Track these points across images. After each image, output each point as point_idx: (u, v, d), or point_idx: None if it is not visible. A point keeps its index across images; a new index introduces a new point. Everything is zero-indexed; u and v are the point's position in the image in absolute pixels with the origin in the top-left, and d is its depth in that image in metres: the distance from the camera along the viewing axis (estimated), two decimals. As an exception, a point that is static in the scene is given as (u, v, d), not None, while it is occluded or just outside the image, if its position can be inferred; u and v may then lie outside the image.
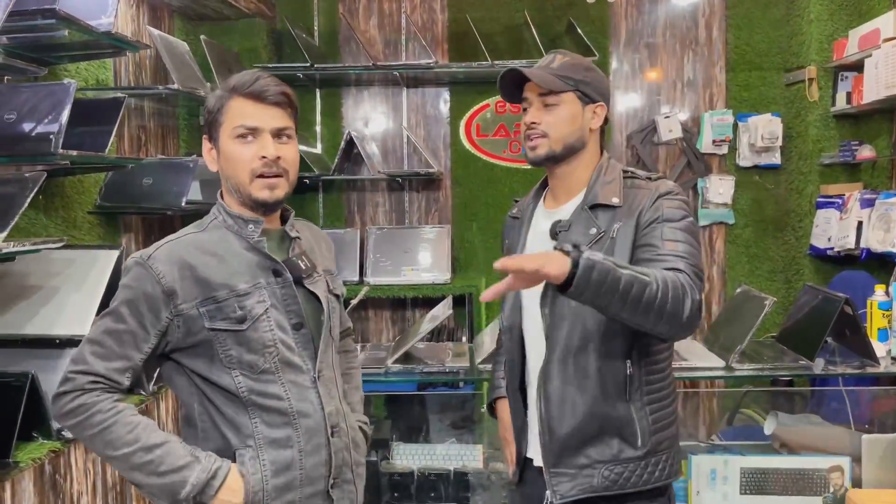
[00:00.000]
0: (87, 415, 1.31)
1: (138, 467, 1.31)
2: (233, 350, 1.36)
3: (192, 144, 3.47)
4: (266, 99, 1.38)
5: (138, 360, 1.36)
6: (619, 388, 1.53)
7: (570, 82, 1.57)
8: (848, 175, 3.61)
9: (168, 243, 1.39)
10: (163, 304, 1.34)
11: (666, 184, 1.61)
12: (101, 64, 2.64)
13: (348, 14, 3.93)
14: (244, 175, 1.38)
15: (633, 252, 1.53)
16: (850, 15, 3.56)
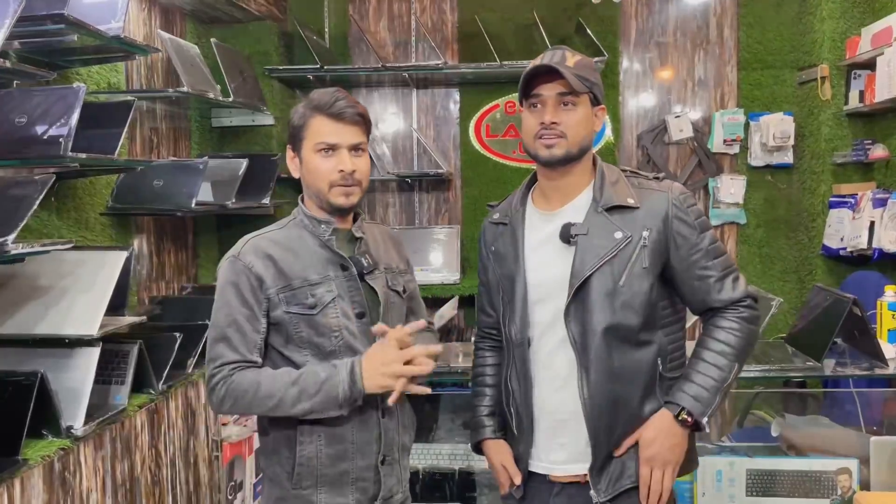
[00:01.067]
0: (239, 390, 1.53)
1: (297, 399, 1.51)
2: (304, 332, 1.57)
3: (204, 146, 3.51)
4: (344, 119, 1.57)
5: (259, 340, 1.58)
6: (654, 385, 1.59)
7: (587, 83, 1.56)
8: (861, 174, 3.58)
9: (252, 239, 1.62)
10: (258, 288, 1.56)
11: (675, 185, 1.62)
12: (113, 67, 2.68)
13: (358, 16, 3.96)
14: (324, 185, 1.58)
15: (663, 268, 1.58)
16: (863, 12, 3.52)
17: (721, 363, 1.55)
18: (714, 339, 1.58)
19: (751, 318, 1.59)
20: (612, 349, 1.55)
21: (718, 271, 1.59)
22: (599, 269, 1.55)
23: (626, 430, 1.58)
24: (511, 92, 3.93)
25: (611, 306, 1.54)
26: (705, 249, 1.58)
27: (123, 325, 2.13)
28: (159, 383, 2.29)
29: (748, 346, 1.59)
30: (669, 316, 1.63)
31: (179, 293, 3.20)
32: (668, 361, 1.61)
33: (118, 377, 2.16)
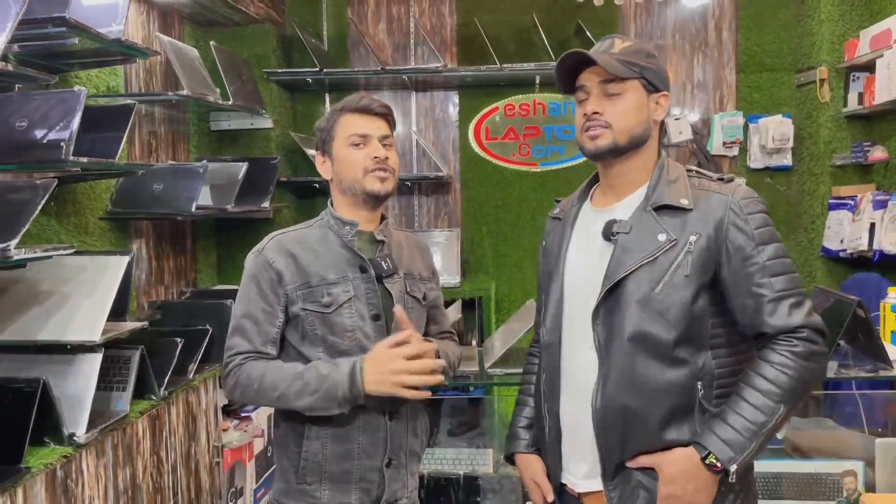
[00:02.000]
0: (247, 378, 1.58)
1: (299, 394, 1.54)
2: (318, 329, 1.60)
3: (203, 150, 3.49)
4: (372, 111, 1.64)
5: (275, 334, 1.62)
6: (688, 410, 1.40)
7: (634, 69, 1.44)
8: (860, 176, 3.59)
9: (278, 236, 1.66)
10: (277, 283, 1.60)
11: (741, 188, 1.45)
12: (112, 71, 2.66)
13: (357, 19, 3.95)
14: (358, 172, 1.62)
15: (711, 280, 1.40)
16: (861, 15, 3.53)
17: (762, 404, 1.35)
18: (758, 375, 1.37)
19: (807, 353, 1.36)
20: (636, 360, 1.40)
21: (774, 291, 1.37)
22: (635, 271, 1.40)
23: (641, 451, 1.42)
24: (511, 94, 3.93)
25: (642, 313, 1.39)
26: (762, 264, 1.38)
27: (125, 330, 2.11)
28: (161, 389, 2.27)
29: (800, 387, 1.37)
30: (723, 336, 1.43)
31: (179, 298, 3.18)
32: (714, 388, 1.41)
33: (120, 383, 2.14)
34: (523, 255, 3.96)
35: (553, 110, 3.93)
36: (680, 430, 1.40)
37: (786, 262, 1.41)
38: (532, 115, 3.94)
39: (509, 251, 3.97)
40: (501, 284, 3.95)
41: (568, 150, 3.93)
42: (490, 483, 2.54)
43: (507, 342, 2.56)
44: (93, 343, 1.91)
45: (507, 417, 3.77)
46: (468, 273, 3.92)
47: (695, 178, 1.48)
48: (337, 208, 1.69)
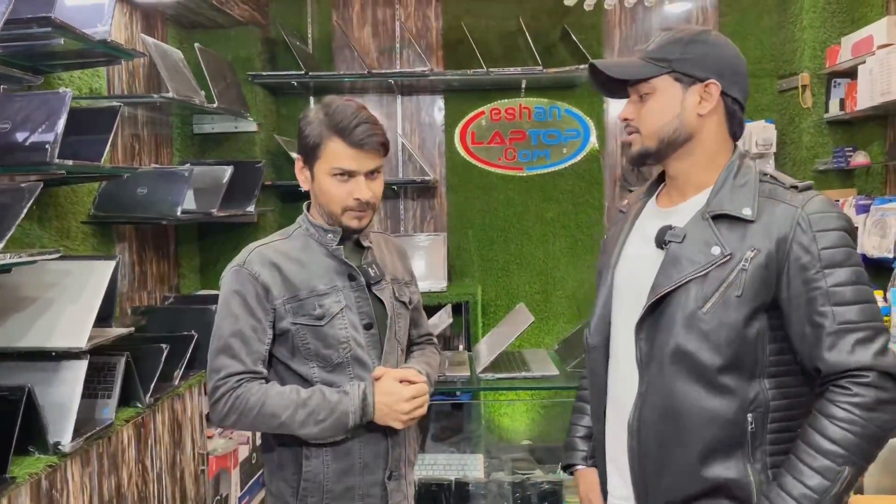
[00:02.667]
0: (244, 404, 1.48)
1: (304, 422, 1.48)
2: (311, 344, 1.53)
3: (186, 153, 3.45)
4: (364, 147, 1.51)
5: (264, 351, 1.53)
6: (735, 444, 1.26)
7: (661, 64, 1.32)
8: (842, 181, 3.63)
9: (258, 248, 1.57)
10: (265, 298, 1.52)
11: (815, 199, 1.26)
12: (95, 72, 2.62)
13: (342, 22, 3.93)
14: (336, 207, 1.54)
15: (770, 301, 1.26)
16: (843, 22, 3.58)
17: (825, 468, 1.18)
18: (817, 433, 1.21)
19: (873, 403, 1.18)
20: (676, 383, 1.27)
21: (836, 322, 1.20)
22: (683, 286, 1.27)
23: (677, 485, 1.28)
24: (497, 99, 3.93)
25: (686, 333, 1.26)
26: (825, 289, 1.21)
27: (111, 337, 2.07)
28: (146, 396, 2.23)
29: (869, 443, 1.19)
30: (786, 364, 1.28)
31: (162, 303, 3.14)
32: (770, 421, 1.26)
33: (105, 391, 2.10)
34: (509, 259, 3.96)
35: (539, 115, 3.93)
36: (726, 467, 1.26)
37: (859, 290, 1.22)
38: (518, 120, 3.94)
39: (495, 255, 3.96)
40: (488, 289, 3.94)
41: (553, 155, 3.94)
42: (480, 488, 2.53)
43: (496, 347, 2.55)
44: (79, 350, 1.88)
45: (494, 423, 3.77)
46: (454, 277, 3.91)
47: (766, 184, 1.31)
48: (314, 217, 1.63)
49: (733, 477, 1.26)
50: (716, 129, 1.35)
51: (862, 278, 1.24)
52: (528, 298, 3.90)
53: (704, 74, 1.32)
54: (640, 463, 1.33)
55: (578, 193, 3.93)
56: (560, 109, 3.93)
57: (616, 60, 1.42)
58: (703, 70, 1.32)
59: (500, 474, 2.59)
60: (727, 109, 1.35)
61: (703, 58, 1.32)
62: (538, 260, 3.96)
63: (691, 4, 3.92)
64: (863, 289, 1.24)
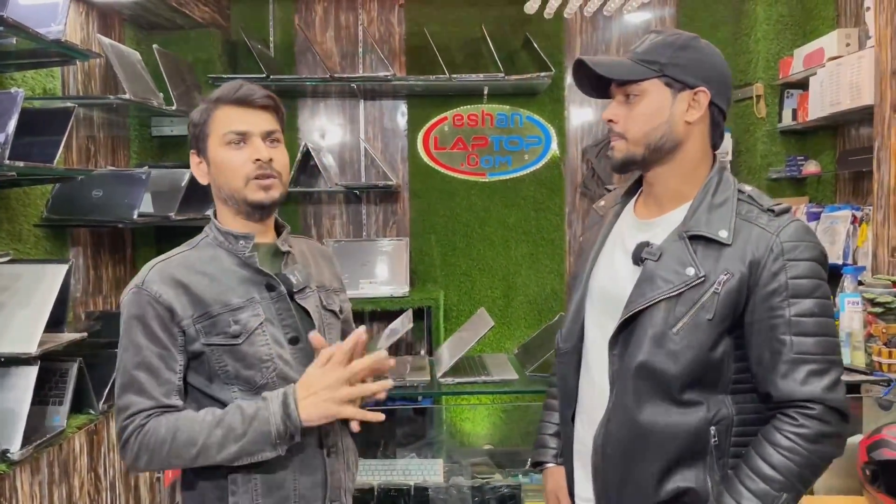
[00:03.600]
0: (154, 441, 1.30)
1: (222, 443, 1.29)
2: (229, 366, 1.35)
3: (144, 156, 3.40)
4: (253, 103, 1.38)
5: (177, 381, 1.35)
6: (698, 456, 1.27)
7: (653, 67, 1.28)
8: (794, 189, 3.72)
9: (158, 264, 1.38)
10: (169, 320, 1.33)
11: (790, 227, 1.26)
12: (49, 73, 2.57)
13: (304, 26, 3.91)
14: (238, 180, 1.37)
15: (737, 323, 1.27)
16: (795, 34, 3.68)
17: (762, 491, 1.21)
18: (759, 458, 1.23)
19: (817, 435, 1.21)
20: (642, 399, 1.28)
21: (794, 351, 1.22)
22: (654, 305, 1.27)
23: (638, 498, 1.30)
24: (459, 105, 3.95)
25: (654, 350, 1.26)
26: (787, 318, 1.22)
27: (63, 342, 2.03)
28: (99, 403, 2.20)
29: (808, 472, 1.23)
30: (749, 382, 1.29)
31: (117, 308, 3.07)
32: (734, 434, 1.28)
33: (56, 397, 2.06)
34: (472, 264, 3.98)
35: (501, 121, 3.97)
36: (685, 477, 1.28)
37: (820, 322, 1.23)
38: (480, 126, 3.96)
39: (458, 261, 3.98)
40: (450, 294, 3.95)
41: (515, 161, 3.97)
42: (440, 493, 2.53)
43: (457, 352, 2.56)
44: (28, 355, 1.84)
45: (454, 427, 3.78)
46: (417, 282, 3.91)
47: (744, 204, 1.29)
48: (222, 220, 1.43)
49: (692, 486, 1.27)
50: (700, 138, 1.33)
51: (826, 311, 1.25)
52: (490, 303, 3.92)
53: (695, 81, 1.29)
54: (604, 477, 1.34)
55: (540, 199, 3.96)
56: (522, 116, 3.97)
57: (606, 58, 1.35)
58: (693, 77, 1.29)
59: (459, 479, 2.59)
60: (713, 119, 1.34)
61: (694, 64, 1.30)
62: (500, 265, 3.99)
63: (650, 14, 4.00)
64: (825, 321, 1.25)
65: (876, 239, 2.86)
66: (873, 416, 2.42)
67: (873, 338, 2.41)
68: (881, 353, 2.33)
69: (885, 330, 2.38)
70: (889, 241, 2.79)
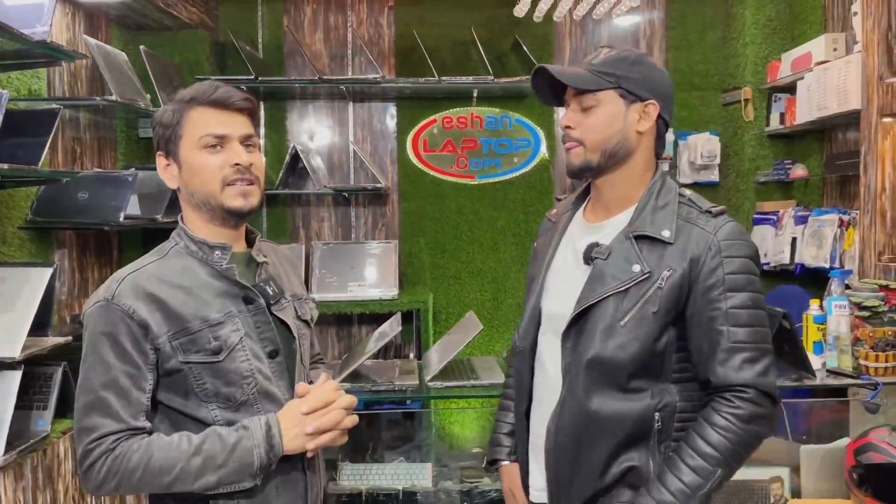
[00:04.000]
0: (123, 466, 1.23)
1: (200, 472, 1.25)
2: (208, 384, 1.30)
3: (131, 157, 3.37)
4: (231, 105, 1.34)
5: (146, 402, 1.28)
6: (642, 439, 1.38)
7: (610, 79, 1.38)
8: (782, 193, 3.74)
9: (129, 276, 1.30)
10: (142, 338, 1.27)
11: (726, 227, 1.37)
12: (34, 74, 2.55)
13: (293, 27, 3.90)
14: (215, 185, 1.32)
15: (679, 316, 1.37)
16: (783, 39, 3.70)
17: (700, 467, 1.31)
18: (698, 437, 1.34)
19: (750, 416, 1.32)
20: (592, 388, 1.37)
21: (730, 341, 1.33)
22: (604, 300, 1.37)
23: (588, 482, 1.40)
24: (449, 107, 3.94)
25: (604, 342, 1.36)
26: (724, 310, 1.33)
27: (47, 346, 2.01)
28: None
29: (741, 450, 1.33)
30: (690, 371, 1.40)
31: (104, 311, 3.05)
32: (676, 421, 1.38)
33: (40, 402, 2.04)
34: (461, 267, 3.97)
35: (490, 124, 3.96)
36: (630, 458, 1.38)
37: (753, 314, 1.34)
38: (470, 129, 3.96)
39: (447, 263, 3.97)
40: (439, 297, 3.94)
41: (505, 164, 3.97)
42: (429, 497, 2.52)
43: (446, 355, 2.55)
44: (12, 360, 1.82)
45: (443, 431, 3.77)
46: (406, 285, 3.90)
47: (685, 207, 1.41)
48: (192, 227, 1.36)
49: (636, 465, 1.38)
50: (648, 147, 1.44)
51: (757, 304, 1.36)
52: (479, 306, 3.91)
53: (646, 94, 1.40)
54: (556, 462, 1.43)
55: (529, 202, 3.96)
56: (511, 119, 3.97)
57: (566, 69, 1.43)
58: (645, 90, 1.40)
59: (448, 483, 2.59)
60: (658, 130, 1.44)
61: (645, 79, 1.40)
62: (489, 268, 3.98)
63: (639, 18, 4.01)
64: (757, 313, 1.35)
65: (863, 243, 2.88)
66: (860, 420, 2.43)
67: (860, 341, 2.42)
68: (868, 356, 2.34)
69: (872, 334, 2.40)
70: (876, 244, 2.81)
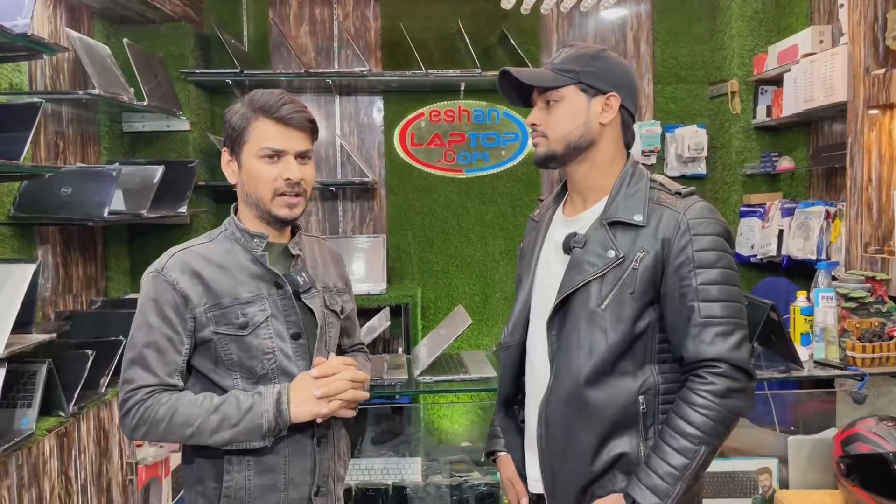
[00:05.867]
0: (153, 415, 1.41)
1: (216, 429, 1.41)
2: (234, 354, 1.46)
3: (115, 152, 3.34)
4: (292, 124, 1.46)
5: (181, 363, 1.45)
6: (630, 424, 1.41)
7: (570, 75, 1.44)
8: (769, 185, 3.76)
9: (178, 253, 1.49)
10: (183, 307, 1.44)
11: (695, 206, 1.42)
12: (15, 67, 2.50)
13: (279, 20, 3.86)
14: (267, 193, 1.46)
15: (657, 296, 1.41)
16: (770, 31, 3.71)
17: (684, 448, 1.35)
18: (679, 418, 1.37)
19: (725, 391, 1.35)
20: (580, 374, 1.41)
21: (702, 316, 1.36)
22: (585, 286, 1.42)
23: (579, 468, 1.43)
24: (436, 101, 3.93)
25: (587, 328, 1.41)
26: (695, 287, 1.37)
27: (31, 343, 1.99)
28: (70, 405, 2.15)
29: (721, 426, 1.36)
30: (670, 351, 1.43)
31: (89, 307, 3.02)
32: (661, 403, 1.42)
33: (24, 399, 2.02)
34: (449, 261, 3.96)
35: (478, 117, 3.95)
36: (621, 444, 1.42)
37: (724, 289, 1.38)
38: (457, 122, 3.95)
39: (435, 258, 3.96)
40: (427, 291, 3.93)
41: (493, 157, 3.96)
42: (418, 492, 2.51)
43: (435, 349, 2.54)
44: (-6, 357, 1.79)
45: (433, 425, 3.76)
46: (394, 279, 3.89)
47: (655, 191, 1.46)
48: (242, 218, 1.53)
49: (626, 451, 1.41)
50: (614, 137, 1.49)
51: (728, 279, 1.39)
52: (468, 300, 3.91)
53: (606, 87, 1.46)
54: (548, 447, 1.46)
55: (517, 196, 3.96)
56: (499, 112, 3.96)
57: (528, 70, 1.51)
58: (605, 83, 1.46)
59: (437, 477, 2.58)
60: (623, 121, 1.49)
61: (604, 72, 1.46)
62: (477, 262, 3.98)
63: (626, 11, 4.00)
64: (728, 288, 1.39)
65: (849, 234, 2.89)
66: (847, 411, 2.45)
67: (847, 333, 2.44)
68: (855, 347, 2.35)
69: (859, 325, 2.41)
70: (862, 236, 2.82)
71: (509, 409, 1.63)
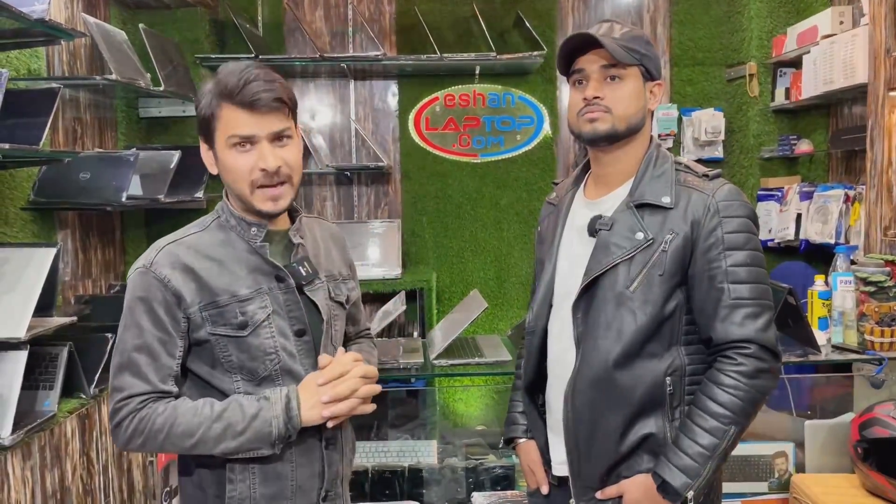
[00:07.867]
0: (149, 426, 1.30)
1: (220, 438, 1.30)
2: (233, 356, 1.34)
3: (132, 137, 3.35)
4: (257, 107, 1.29)
5: (175, 367, 1.33)
6: (657, 405, 1.42)
7: (635, 55, 1.43)
8: (787, 168, 3.72)
9: (168, 246, 1.35)
10: (175, 306, 1.32)
11: (723, 188, 1.42)
12: (33, 53, 2.52)
13: (293, 4, 3.86)
14: (244, 185, 1.33)
15: (684, 278, 1.41)
16: (789, 12, 3.65)
17: (714, 428, 1.36)
18: (707, 398, 1.38)
19: (754, 371, 1.36)
20: (608, 356, 1.41)
21: (731, 297, 1.37)
22: (612, 269, 1.41)
23: (607, 448, 1.44)
24: (451, 85, 3.91)
25: (615, 310, 1.41)
26: (724, 269, 1.37)
27: (52, 326, 2.01)
28: (90, 387, 2.18)
29: (750, 406, 1.37)
30: (695, 333, 1.44)
31: (107, 292, 3.05)
32: (687, 384, 1.42)
33: (47, 382, 2.04)
34: (464, 245, 3.96)
35: (493, 101, 3.93)
36: (647, 424, 1.42)
37: (752, 271, 1.39)
38: (472, 106, 3.93)
39: (450, 242, 3.96)
40: (442, 275, 3.94)
41: (508, 142, 3.95)
42: (434, 474, 2.53)
43: (450, 333, 2.55)
44: (17, 340, 1.82)
45: (448, 409, 3.78)
46: (409, 264, 3.90)
47: (682, 173, 1.46)
48: (235, 207, 1.39)
49: (653, 431, 1.42)
50: (649, 123, 1.52)
51: (756, 261, 1.41)
52: (483, 285, 3.91)
53: (657, 75, 1.49)
54: (574, 428, 1.46)
55: (532, 180, 3.94)
56: (514, 96, 3.94)
57: (607, 40, 1.43)
58: (656, 71, 1.48)
59: (453, 460, 2.60)
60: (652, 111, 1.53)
61: (655, 59, 1.49)
62: (492, 246, 3.97)
63: (643, -7, 3.96)
64: (756, 270, 1.40)
65: (868, 218, 2.86)
66: (865, 395, 2.43)
67: (865, 317, 2.42)
68: (873, 331, 2.34)
69: (878, 309, 2.39)
70: (881, 219, 2.79)
71: (532, 395, 1.61)
